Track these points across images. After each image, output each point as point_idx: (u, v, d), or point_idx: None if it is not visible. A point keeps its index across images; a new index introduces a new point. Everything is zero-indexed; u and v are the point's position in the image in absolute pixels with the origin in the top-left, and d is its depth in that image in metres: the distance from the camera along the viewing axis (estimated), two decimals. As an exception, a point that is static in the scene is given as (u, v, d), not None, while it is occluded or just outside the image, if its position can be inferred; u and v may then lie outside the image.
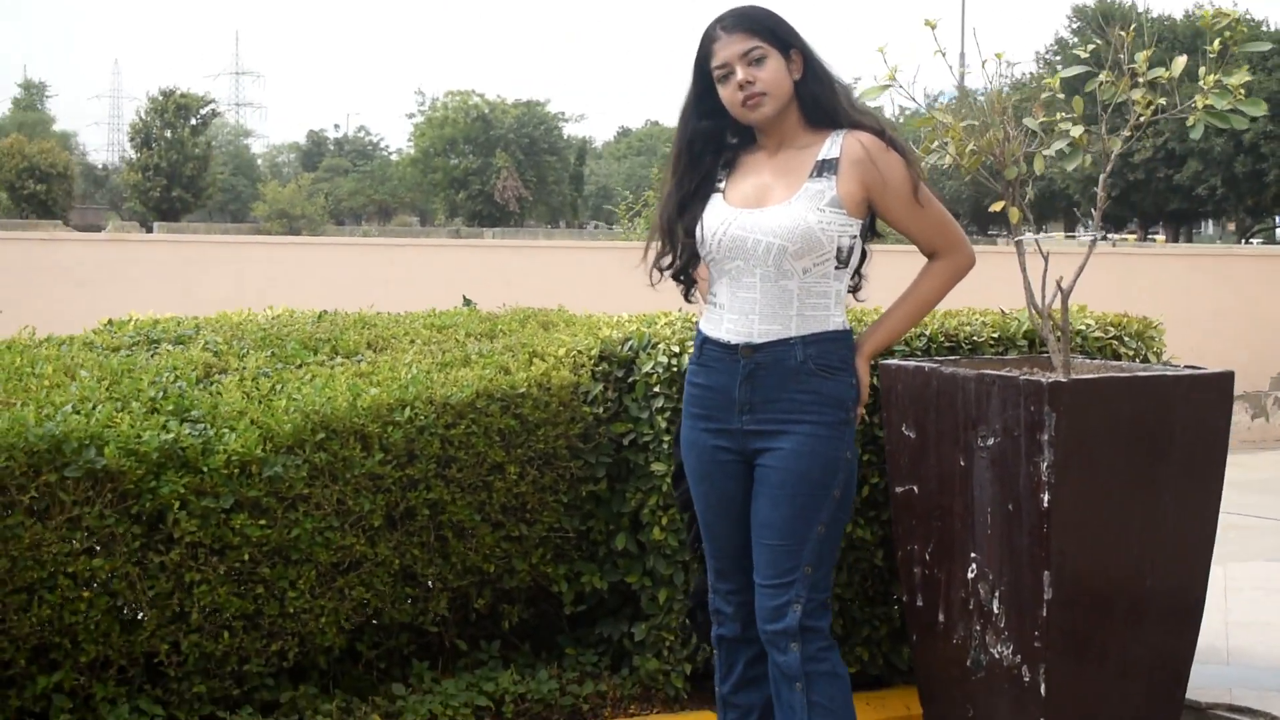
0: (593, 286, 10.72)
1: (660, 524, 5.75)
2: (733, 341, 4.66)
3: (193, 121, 72.10)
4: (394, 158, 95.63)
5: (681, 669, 5.89)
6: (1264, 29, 68.28)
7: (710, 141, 4.80)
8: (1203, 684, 6.29)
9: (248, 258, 16.52)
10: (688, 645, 5.86)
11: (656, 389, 5.75)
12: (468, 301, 7.45)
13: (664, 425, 5.68)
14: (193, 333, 6.49)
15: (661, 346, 5.79)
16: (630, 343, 5.92)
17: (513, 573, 5.80)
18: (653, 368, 5.77)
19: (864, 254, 4.83)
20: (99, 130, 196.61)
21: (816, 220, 4.57)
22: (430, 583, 5.68)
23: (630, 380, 5.90)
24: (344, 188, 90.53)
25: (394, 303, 7.60)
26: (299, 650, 5.49)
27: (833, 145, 4.67)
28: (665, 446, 5.67)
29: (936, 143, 5.63)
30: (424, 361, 5.90)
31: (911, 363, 5.66)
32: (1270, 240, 71.68)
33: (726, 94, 4.67)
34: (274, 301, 7.53)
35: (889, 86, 5.55)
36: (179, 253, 16.59)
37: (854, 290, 4.91)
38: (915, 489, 5.59)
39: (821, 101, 4.71)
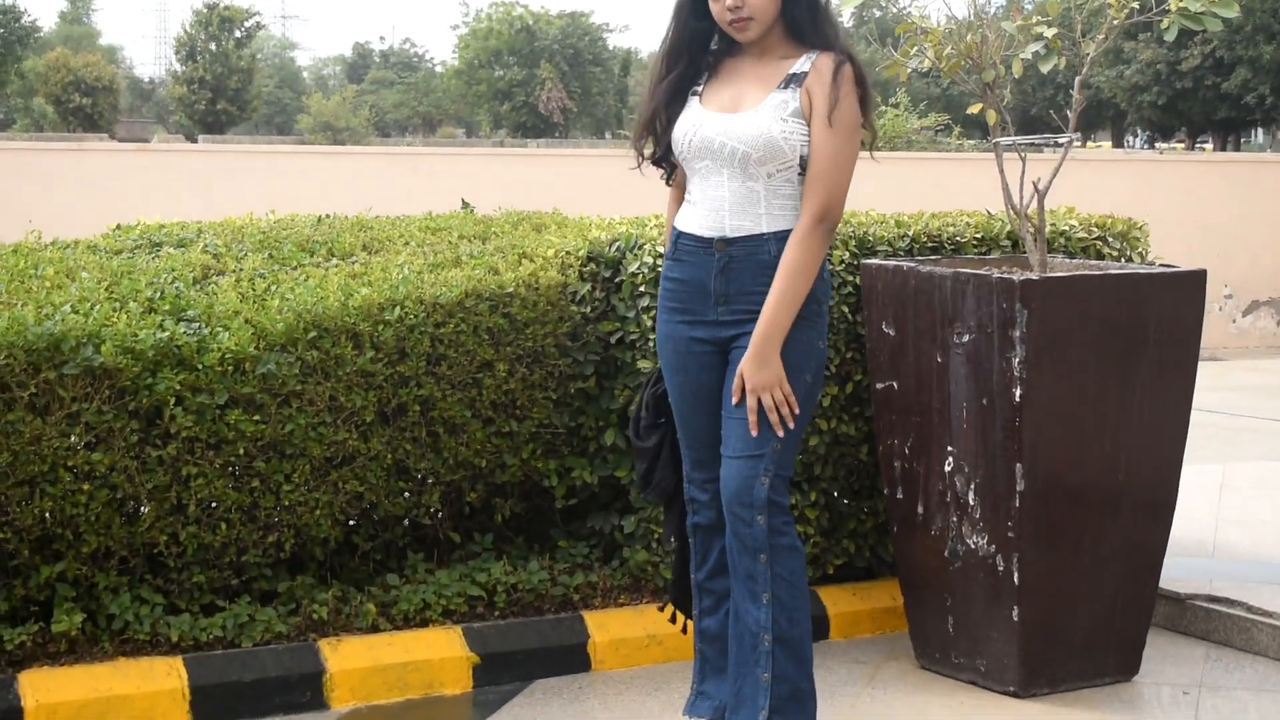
0: (609, 191, 10.82)
1: (637, 419, 5.89)
2: (706, 235, 4.80)
3: (237, 34, 71.95)
4: (439, 70, 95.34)
5: (670, 560, 6.03)
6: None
7: (699, 40, 4.92)
8: (1186, 576, 6.42)
9: (278, 167, 16.65)
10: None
11: (643, 288, 5.87)
12: (466, 205, 7.58)
13: (650, 324, 5.80)
14: (194, 236, 6.65)
15: (647, 247, 5.91)
16: (618, 244, 6.05)
17: (504, 467, 5.95)
18: (639, 268, 5.89)
19: None
20: (145, 43, 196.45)
21: (779, 130, 4.68)
22: (423, 477, 5.83)
23: (617, 280, 6.03)
24: (389, 100, 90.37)
25: (415, 209, 7.70)
26: (295, 542, 5.66)
27: (806, 61, 4.76)
28: (651, 344, 5.79)
29: (916, 47, 5.74)
30: (416, 262, 6.04)
31: (891, 262, 5.79)
32: (1320, 148, 71.17)
33: (716, 10, 4.77)
34: (299, 209, 7.65)
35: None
36: (207, 162, 16.74)
37: None
38: (895, 385, 5.72)
39: (803, 23, 4.79)
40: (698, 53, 4.92)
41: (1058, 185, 5.62)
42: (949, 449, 5.55)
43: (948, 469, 5.56)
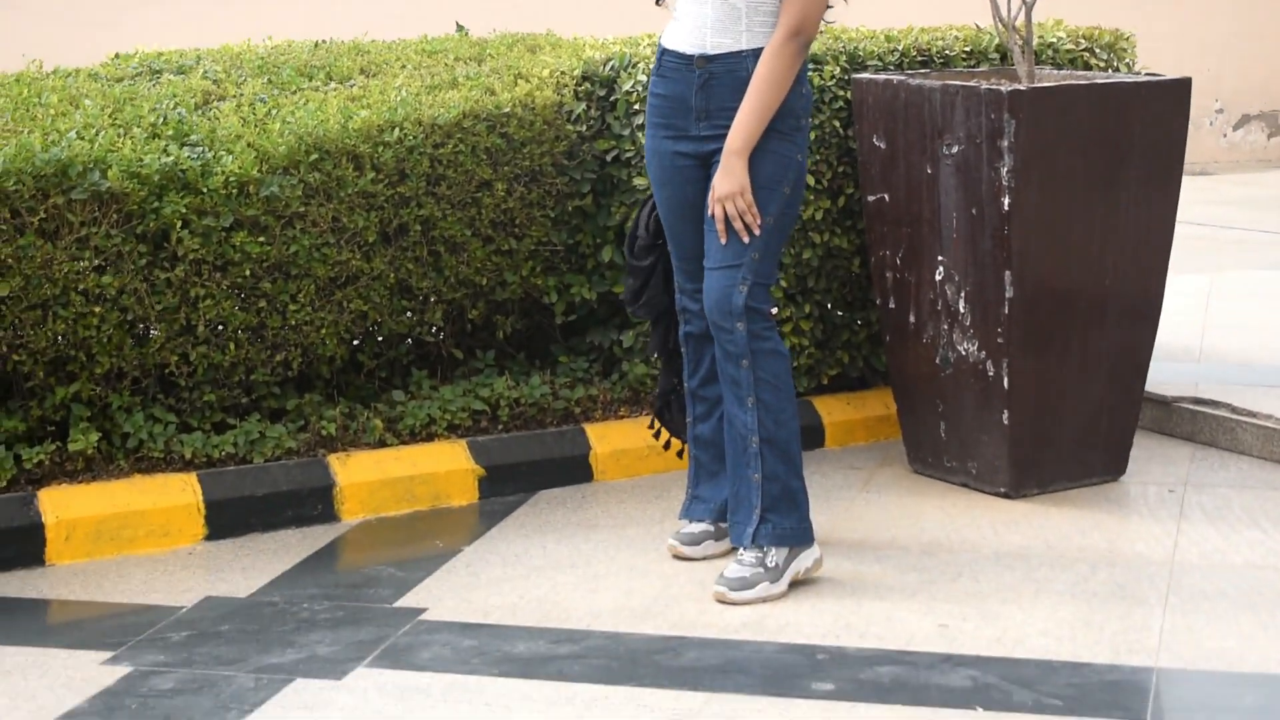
0: (601, 11, 10.82)
1: (644, 235, 5.99)
2: (688, 52, 4.86)
3: None
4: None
5: (653, 372, 6.17)
6: None
7: None
8: (1172, 380, 6.57)
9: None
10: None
11: (637, 106, 5.95)
12: (460, 28, 7.62)
13: (645, 141, 5.89)
14: (193, 63, 6.70)
15: (641, 65, 5.99)
16: (612, 63, 6.12)
17: (504, 285, 6.07)
18: (633, 86, 5.97)
19: None
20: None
21: None
22: (425, 295, 5.95)
23: (612, 99, 6.11)
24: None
25: (410, 33, 7.73)
26: (303, 360, 5.78)
27: None
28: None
29: None
30: (413, 85, 6.11)
31: (881, 76, 5.87)
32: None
33: None
34: (294, 35, 7.67)
35: None
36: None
37: None
38: (886, 197, 5.83)
39: None
40: None
41: (1048, -1, 5.68)
42: (939, 259, 5.67)
43: (938, 278, 5.68)
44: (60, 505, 5.30)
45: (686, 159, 4.96)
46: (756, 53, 4.77)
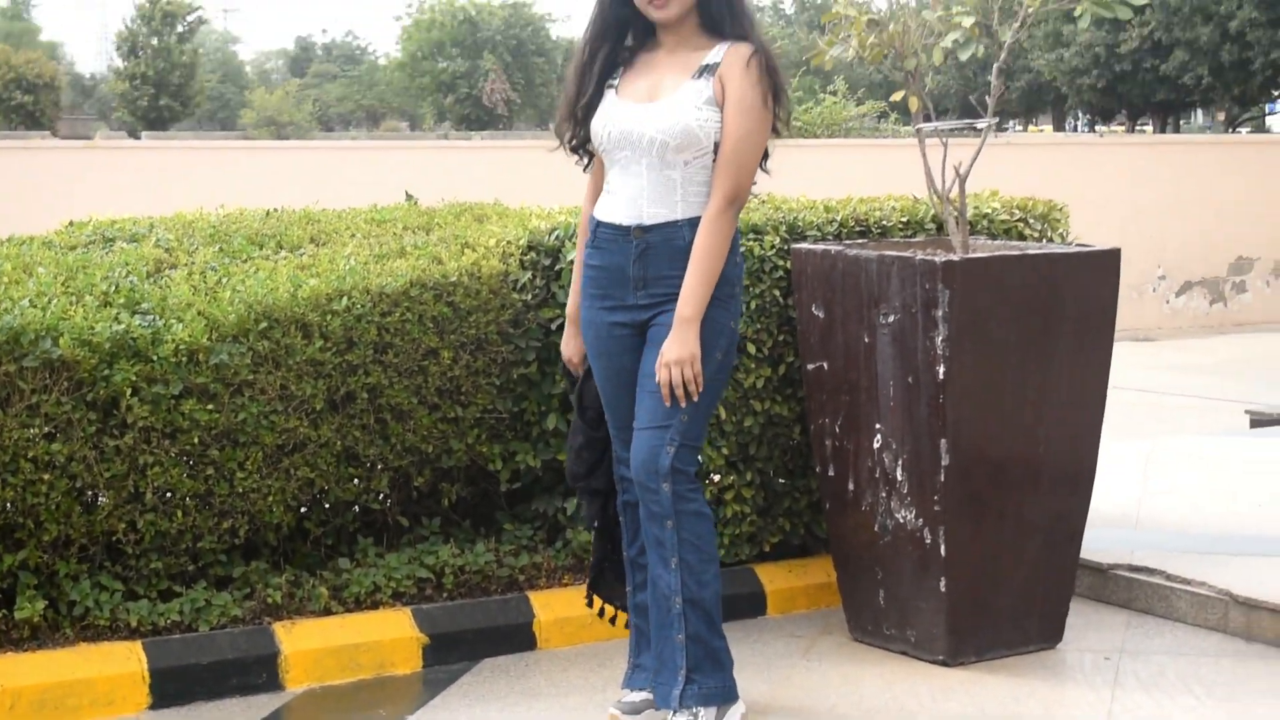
0: (550, 182, 11.01)
1: (586, 403, 6.08)
2: (625, 223, 5.00)
3: (179, 29, 71.62)
4: (382, 62, 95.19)
5: (611, 541, 6.23)
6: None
7: (620, 28, 5.14)
8: (1109, 547, 6.64)
9: (224, 162, 16.77)
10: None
11: (581, 276, 6.06)
12: (409, 197, 7.76)
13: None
14: (146, 231, 6.81)
15: (586, 236, 6.11)
16: (556, 232, 6.25)
17: (450, 452, 6.14)
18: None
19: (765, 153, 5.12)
20: (86, 39, 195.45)
21: (694, 118, 4.90)
22: (372, 463, 6.02)
23: (557, 268, 6.22)
24: (332, 93, 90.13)
25: (360, 202, 7.87)
26: (249, 528, 5.83)
27: (719, 52, 4.97)
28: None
29: (841, 34, 5.95)
30: (362, 254, 6.22)
31: (820, 246, 5.99)
32: (1260, 129, 71.63)
33: None
34: (246, 204, 7.81)
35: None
36: (155, 159, 16.83)
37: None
38: (825, 365, 5.93)
39: (721, 14, 5.01)
40: (617, 42, 5.14)
41: (993, 168, 5.85)
42: (877, 426, 5.76)
43: (876, 446, 5.78)
44: (4, 674, 5.30)
45: (623, 329, 5.07)
46: (692, 221, 4.93)
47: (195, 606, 5.67)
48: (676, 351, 4.85)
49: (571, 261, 6.07)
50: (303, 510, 6.08)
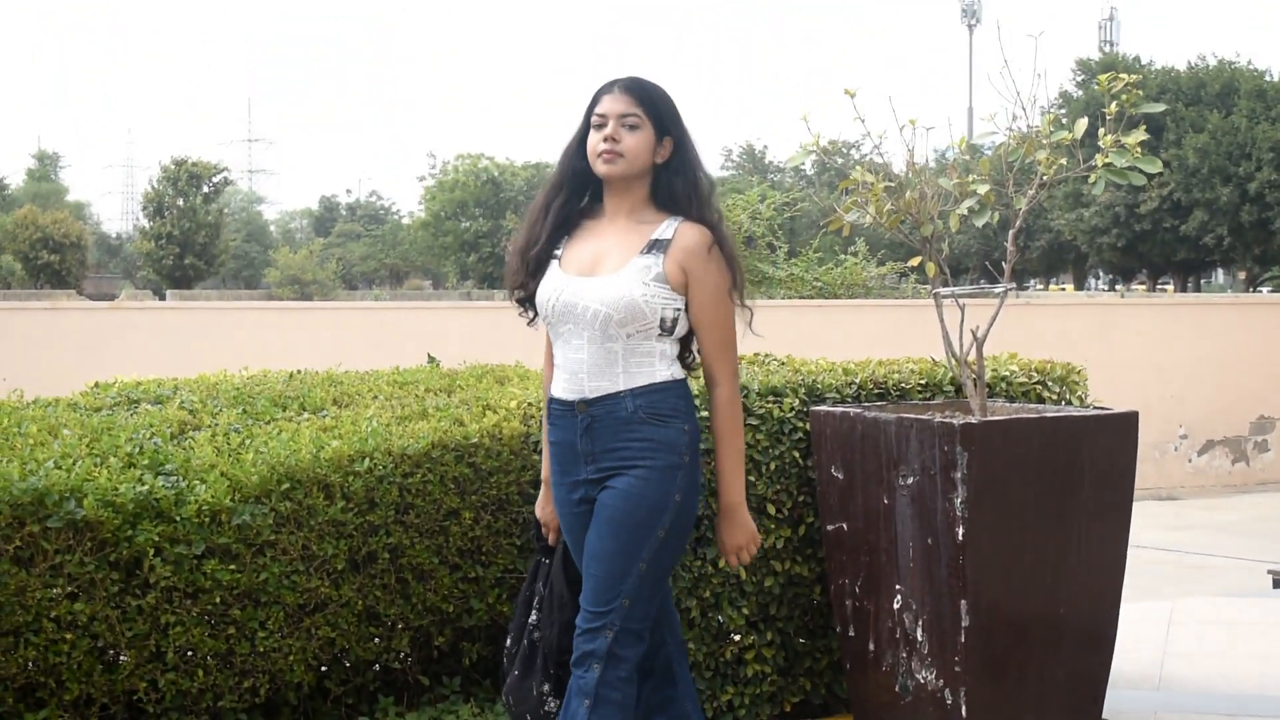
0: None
1: (608, 564, 6.11)
2: (569, 398, 5.01)
3: (205, 189, 72.51)
4: (405, 221, 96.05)
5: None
6: (1267, 77, 68.59)
7: (579, 181, 5.15)
8: (1130, 709, 6.62)
9: (248, 323, 16.90)
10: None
11: (602, 437, 6.11)
12: (432, 359, 7.83)
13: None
14: (171, 393, 6.88)
15: (607, 397, 6.16)
16: (577, 394, 6.30)
17: (471, 612, 6.16)
18: (598, 417, 6.14)
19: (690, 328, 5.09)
20: (112, 200, 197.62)
21: (641, 293, 4.89)
22: (393, 622, 6.03)
23: (578, 429, 6.27)
24: (356, 252, 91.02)
25: (383, 362, 7.95)
26: (270, 687, 5.84)
27: (668, 228, 4.98)
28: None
29: (859, 200, 6.04)
30: (384, 415, 6.28)
31: (839, 409, 6.04)
32: (1280, 288, 71.89)
33: (592, 141, 5.02)
34: (269, 364, 7.89)
35: (811, 151, 5.98)
36: (178, 319, 17.01)
37: (687, 366, 5.17)
38: (845, 526, 5.96)
39: (675, 192, 5.03)
40: (573, 196, 5.16)
41: (1013, 328, 5.89)
42: (897, 587, 5.78)
43: (897, 606, 5.79)
44: (24, 833, 5.30)
45: (582, 505, 5.05)
46: (634, 391, 4.92)
47: (215, 767, 5.67)
48: (740, 537, 5.03)
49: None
50: (323, 669, 6.09)
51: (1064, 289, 77.00)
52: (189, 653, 5.64)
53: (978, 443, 5.53)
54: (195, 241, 70.81)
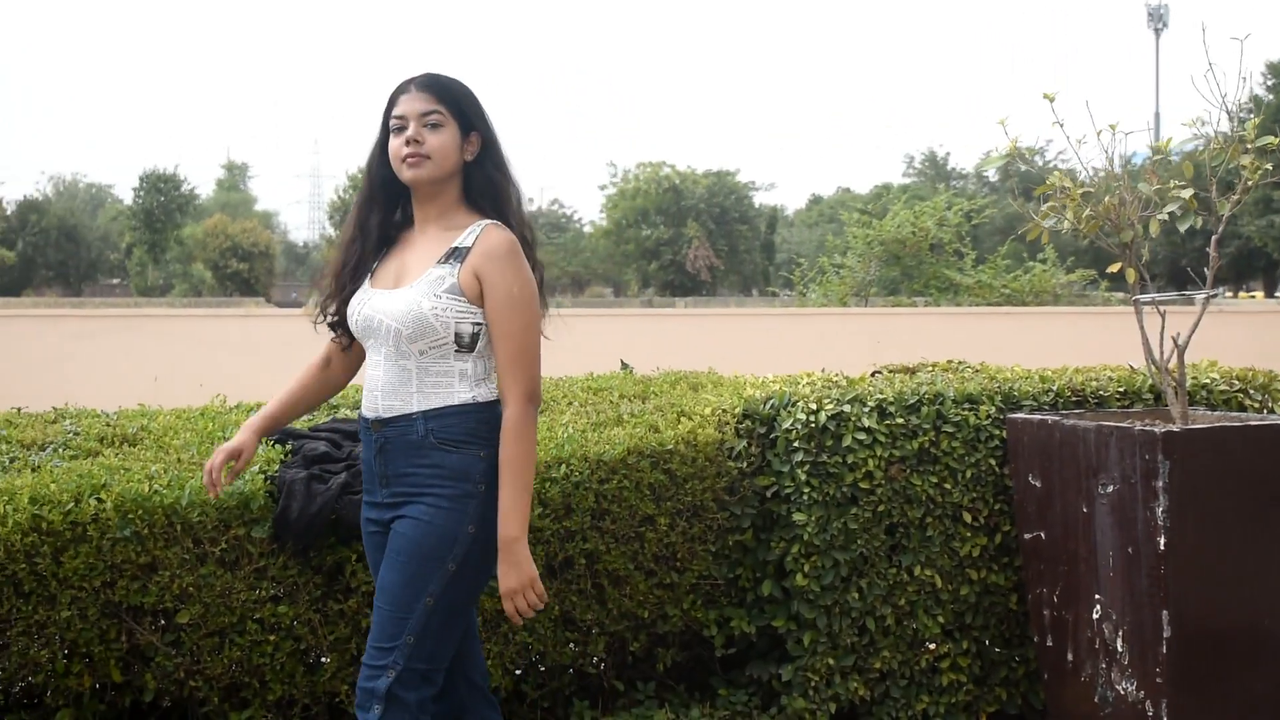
0: (757, 349, 11.09)
1: (803, 571, 6.10)
2: (367, 416, 4.72)
3: (389, 200, 73.25)
4: (587, 230, 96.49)
5: (827, 708, 6.22)
6: None
7: (387, 194, 4.83)
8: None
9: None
10: (832, 685, 6.20)
11: (796, 444, 6.11)
12: (625, 366, 7.87)
13: (804, 478, 6.04)
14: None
15: (800, 404, 6.16)
16: (771, 401, 6.30)
17: (666, 618, 6.19)
18: (792, 424, 6.14)
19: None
20: (300, 209, 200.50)
21: (430, 306, 4.56)
22: (589, 627, 6.07)
23: (772, 436, 6.27)
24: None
25: (568, 369, 7.99)
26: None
27: (470, 234, 4.67)
28: (806, 498, 6.04)
29: (1056, 206, 5.98)
30: (580, 422, 6.32)
31: (1037, 416, 5.99)
32: None
33: (394, 145, 4.69)
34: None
35: (1009, 157, 5.93)
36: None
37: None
38: (1042, 535, 5.91)
39: (486, 190, 4.75)
40: (388, 210, 4.85)
41: (1206, 337, 5.80)
42: (1096, 597, 5.72)
43: (1096, 616, 5.73)
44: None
45: (375, 525, 4.75)
46: (426, 414, 4.60)
47: (415, 768, 5.73)
48: (514, 580, 4.51)
49: (787, 430, 6.14)
50: (519, 673, 6.14)
51: (1253, 296, 75.65)
52: (389, 656, 5.71)
53: (1180, 451, 5.44)
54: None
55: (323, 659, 5.68)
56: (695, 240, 75.30)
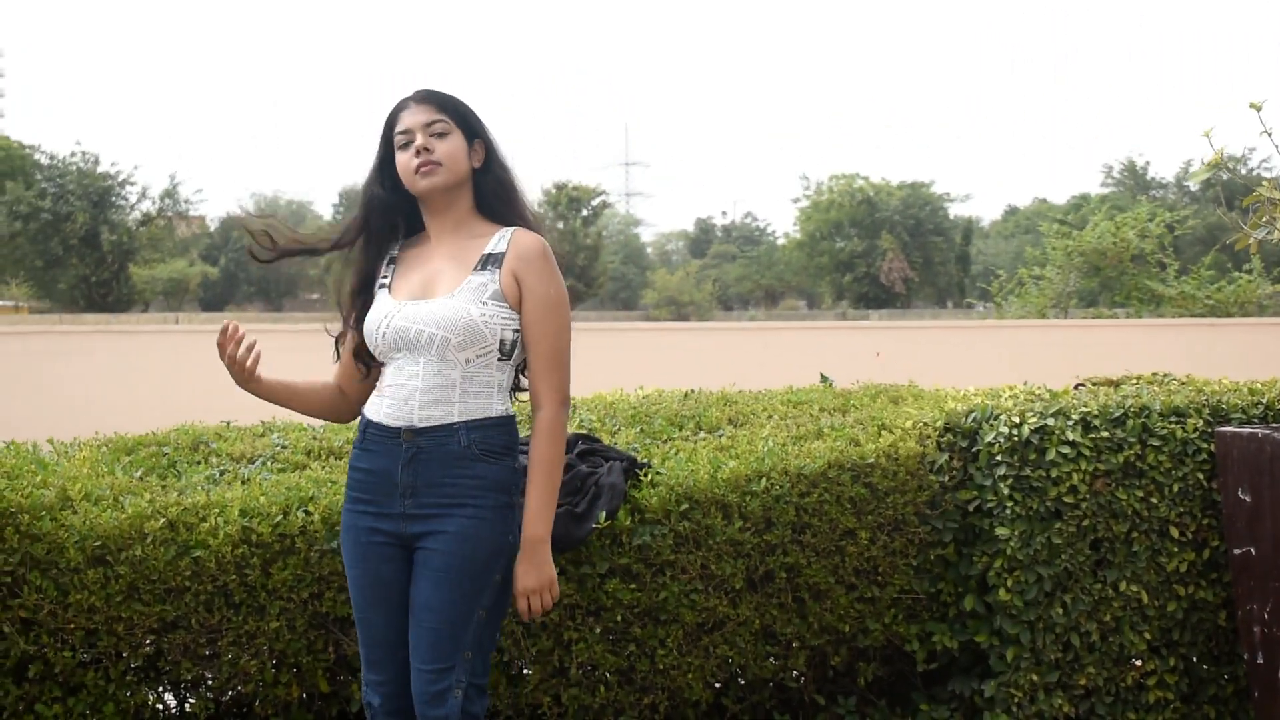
0: (953, 361, 11.02)
1: (1006, 586, 6.05)
2: (393, 425, 4.68)
3: (584, 212, 73.80)
4: (780, 242, 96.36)
5: (1031, 725, 6.17)
6: None
7: (388, 213, 4.88)
8: None
9: (628, 343, 17.15)
10: (1035, 701, 6.13)
11: (999, 457, 6.06)
12: (825, 379, 7.85)
13: (1007, 492, 5.98)
14: (569, 412, 6.99)
15: (1003, 418, 6.10)
16: (973, 414, 6.25)
17: (867, 632, 6.16)
18: (994, 437, 6.08)
19: None
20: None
21: (479, 313, 4.64)
22: (789, 641, 6.06)
23: (974, 450, 6.22)
24: (731, 274, 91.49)
25: (764, 382, 8.00)
26: (669, 704, 5.92)
27: (501, 240, 4.74)
28: (1009, 512, 5.98)
29: (1265, 217, 5.88)
30: (780, 435, 6.31)
31: (1246, 430, 5.88)
32: None
33: (403, 159, 4.75)
34: (656, 383, 8.00)
35: (1216, 167, 5.84)
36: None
37: (516, 389, 4.91)
38: (1252, 550, 5.80)
39: (498, 194, 4.81)
40: (384, 231, 4.90)
41: None
42: (1309, 614, 5.61)
43: (1308, 634, 5.62)
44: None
45: (385, 537, 4.71)
46: (468, 424, 4.64)
47: (617, 781, 5.78)
48: (534, 580, 4.62)
49: (989, 443, 6.08)
50: (719, 687, 6.14)
51: None
52: (591, 669, 5.77)
53: (1396, 465, 5.33)
54: (575, 264, 72.02)
55: (526, 671, 5.73)
56: (889, 252, 74.86)
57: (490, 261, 4.69)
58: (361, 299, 4.89)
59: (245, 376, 4.91)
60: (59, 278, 65.56)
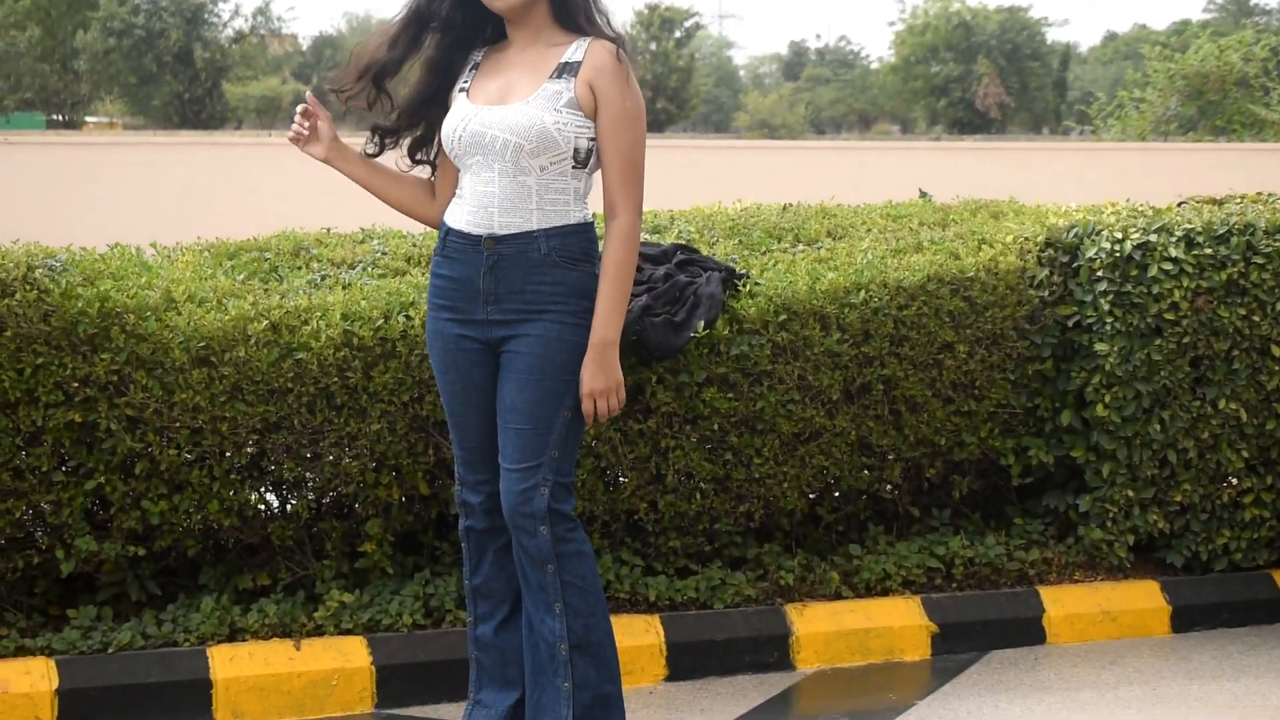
0: (1049, 185, 10.90)
1: (1104, 401, 6.03)
2: (474, 233, 4.69)
3: (677, 34, 73.18)
4: (874, 67, 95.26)
5: (1125, 539, 6.18)
6: None
7: (463, 26, 4.83)
8: None
9: (721, 161, 17.08)
10: (1130, 517, 6.15)
11: (1100, 273, 6.02)
12: (924, 194, 7.80)
13: (1107, 308, 5.96)
14: (668, 223, 7.00)
15: (1105, 233, 6.06)
16: (1075, 230, 6.20)
17: (962, 445, 6.17)
18: (1096, 253, 6.04)
19: None
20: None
21: (553, 120, 4.59)
22: (885, 453, 6.08)
23: (1075, 265, 6.17)
24: (824, 97, 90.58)
25: (863, 200, 7.93)
26: (764, 512, 5.96)
27: (578, 49, 4.66)
28: (1109, 328, 5.96)
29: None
30: (879, 248, 6.29)
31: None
32: None
33: None
34: (755, 200, 7.94)
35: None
36: (660, 157, 17.25)
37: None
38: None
39: (577, 5, 4.71)
40: (453, 35, 4.84)
41: None
42: None
43: None
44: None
45: (472, 343, 4.77)
46: (548, 231, 4.65)
47: (710, 585, 5.84)
48: (602, 381, 4.64)
49: (1090, 259, 6.04)
50: (814, 497, 6.18)
51: None
52: (687, 476, 5.82)
53: None
54: (667, 86, 71.59)
55: (622, 478, 5.78)
56: (985, 77, 73.83)
57: (566, 70, 4.65)
58: (435, 100, 4.87)
59: (301, 145, 5.00)
60: (153, 95, 65.64)
